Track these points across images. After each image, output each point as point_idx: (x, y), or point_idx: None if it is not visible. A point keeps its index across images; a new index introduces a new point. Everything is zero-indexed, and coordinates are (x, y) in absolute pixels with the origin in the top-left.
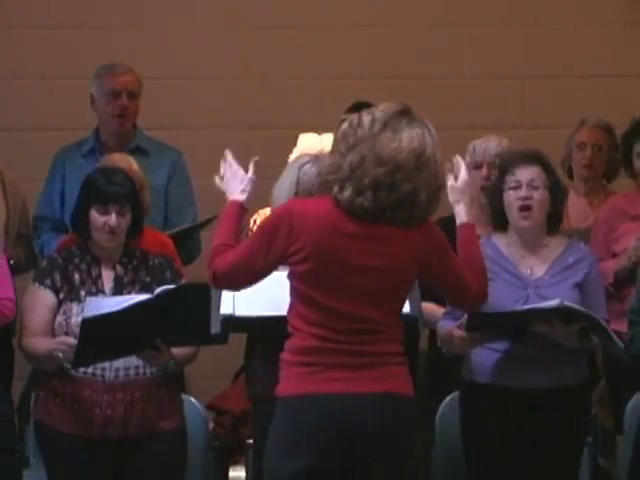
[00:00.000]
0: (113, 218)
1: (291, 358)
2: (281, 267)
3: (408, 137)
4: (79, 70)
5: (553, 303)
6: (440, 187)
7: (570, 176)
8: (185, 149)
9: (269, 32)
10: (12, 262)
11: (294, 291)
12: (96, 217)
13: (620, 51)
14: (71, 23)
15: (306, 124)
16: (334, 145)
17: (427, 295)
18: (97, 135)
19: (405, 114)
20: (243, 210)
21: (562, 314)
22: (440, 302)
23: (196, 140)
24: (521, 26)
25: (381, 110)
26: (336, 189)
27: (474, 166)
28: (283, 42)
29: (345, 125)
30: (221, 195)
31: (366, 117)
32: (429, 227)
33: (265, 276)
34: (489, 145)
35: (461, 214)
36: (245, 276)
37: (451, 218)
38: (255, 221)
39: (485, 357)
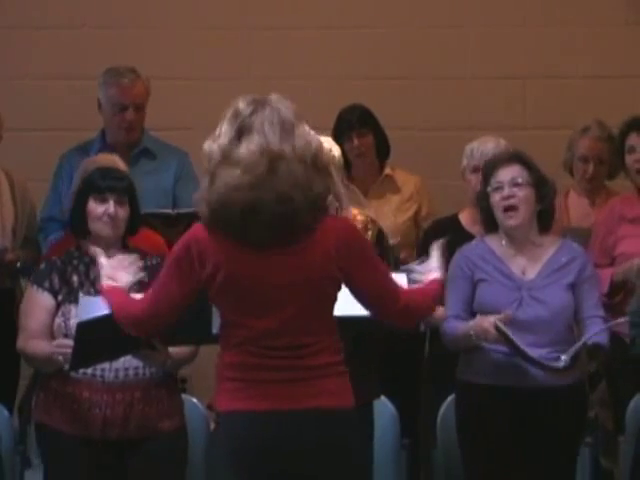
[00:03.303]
0: (112, 205)
1: (222, 372)
2: None
3: (247, 155)
4: (81, 71)
5: (560, 364)
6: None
7: (573, 176)
8: (187, 150)
9: (270, 32)
10: (19, 265)
11: (220, 313)
12: (94, 207)
13: (622, 51)
14: (73, 23)
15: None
16: (202, 177)
17: None
18: (104, 136)
19: (251, 116)
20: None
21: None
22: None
23: (198, 141)
24: (523, 26)
25: (224, 132)
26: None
27: (472, 169)
28: (284, 43)
29: (203, 156)
30: None
31: (213, 145)
32: (343, 231)
33: (185, 306)
34: (486, 147)
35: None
36: (165, 312)
37: (447, 219)
38: None
39: (480, 357)
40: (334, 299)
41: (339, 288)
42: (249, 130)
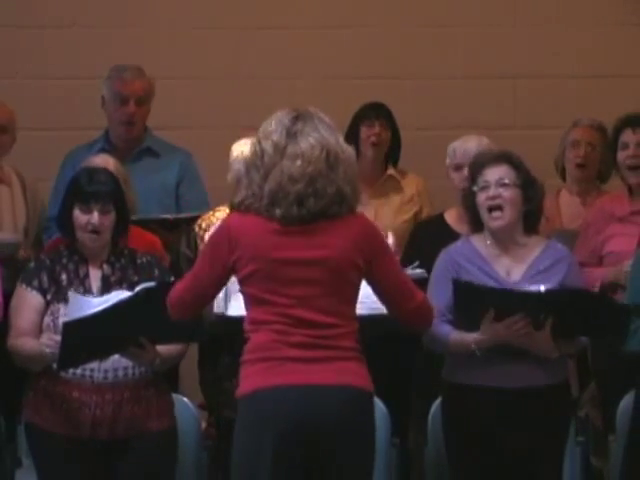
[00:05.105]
0: (95, 216)
1: (249, 357)
2: None
3: (308, 148)
4: (72, 70)
5: (540, 288)
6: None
7: (563, 177)
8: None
9: (269, 32)
10: None
11: (246, 298)
12: (79, 216)
13: (613, 51)
14: (63, 23)
15: None
16: (247, 174)
17: None
18: (107, 136)
19: (297, 122)
20: None
21: (548, 301)
22: None
23: (196, 140)
24: (513, 26)
25: (274, 130)
26: (265, 213)
27: (455, 168)
28: (282, 42)
29: (250, 156)
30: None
31: (265, 143)
32: (367, 223)
33: (215, 292)
34: (468, 146)
35: None
36: (196, 296)
37: (432, 219)
38: (200, 226)
39: (466, 358)
40: (357, 287)
41: (361, 276)
42: (302, 131)
